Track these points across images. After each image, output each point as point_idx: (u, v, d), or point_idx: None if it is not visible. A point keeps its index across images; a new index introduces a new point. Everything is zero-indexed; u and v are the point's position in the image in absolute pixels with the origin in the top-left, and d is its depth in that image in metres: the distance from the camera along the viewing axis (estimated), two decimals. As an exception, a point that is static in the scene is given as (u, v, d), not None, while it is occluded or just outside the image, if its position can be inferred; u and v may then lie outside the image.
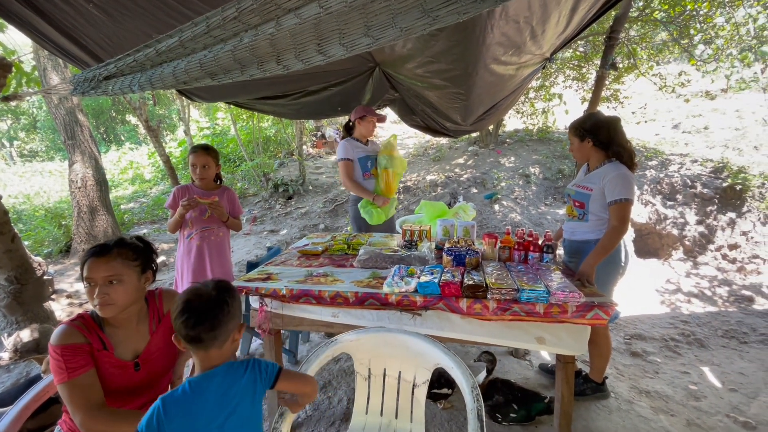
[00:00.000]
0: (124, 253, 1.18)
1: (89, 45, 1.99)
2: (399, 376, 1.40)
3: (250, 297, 1.98)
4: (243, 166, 8.00)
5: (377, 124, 3.00)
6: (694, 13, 4.70)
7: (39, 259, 3.12)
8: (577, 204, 2.10)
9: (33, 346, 2.91)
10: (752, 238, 4.41)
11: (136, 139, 14.94)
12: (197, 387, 0.94)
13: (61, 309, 3.49)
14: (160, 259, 4.78)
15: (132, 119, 15.75)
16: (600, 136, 2.02)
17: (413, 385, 1.38)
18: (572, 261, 2.13)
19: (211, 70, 0.95)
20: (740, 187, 4.67)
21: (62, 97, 4.54)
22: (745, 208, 4.61)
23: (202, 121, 10.80)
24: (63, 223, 5.63)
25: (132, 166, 10.67)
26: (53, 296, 3.51)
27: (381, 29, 0.72)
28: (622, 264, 2.04)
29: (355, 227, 3.09)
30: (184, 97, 3.65)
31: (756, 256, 4.27)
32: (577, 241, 2.11)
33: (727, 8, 4.58)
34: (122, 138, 15.60)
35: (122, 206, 7.59)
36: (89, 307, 2.29)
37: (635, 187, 2.00)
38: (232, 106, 4.79)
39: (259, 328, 1.86)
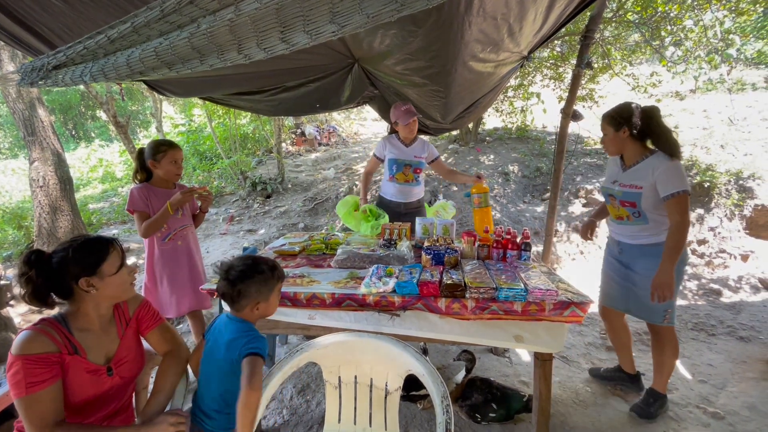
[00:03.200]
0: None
1: (47, 35, 1.86)
2: (371, 384, 1.36)
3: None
4: (219, 164, 7.79)
5: (416, 122, 2.82)
6: (665, 15, 4.85)
7: (-5, 262, 2.93)
8: (627, 204, 1.91)
9: (-11, 356, 2.73)
10: (719, 233, 4.59)
11: (107, 135, 14.34)
12: (229, 319, 1.30)
13: (20, 316, 3.29)
14: (131, 260, 4.58)
15: (103, 115, 15.11)
16: (635, 125, 1.86)
17: (386, 393, 1.35)
18: (636, 265, 1.97)
19: (168, 59, 0.88)
20: (708, 184, 4.85)
21: (21, 91, 4.29)
22: (712, 205, 4.79)
23: (177, 118, 10.47)
24: (24, 224, 5.33)
25: (102, 164, 10.23)
26: (12, 302, 3.31)
27: (347, 15, 0.67)
28: (688, 259, 1.92)
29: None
30: (155, 92, 3.50)
31: (723, 251, 4.44)
32: (646, 246, 1.91)
33: (696, 11, 4.73)
34: (92, 135, 14.95)
35: (91, 206, 7.25)
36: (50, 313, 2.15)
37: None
38: (207, 102, 4.63)
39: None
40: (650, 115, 1.87)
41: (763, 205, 4.69)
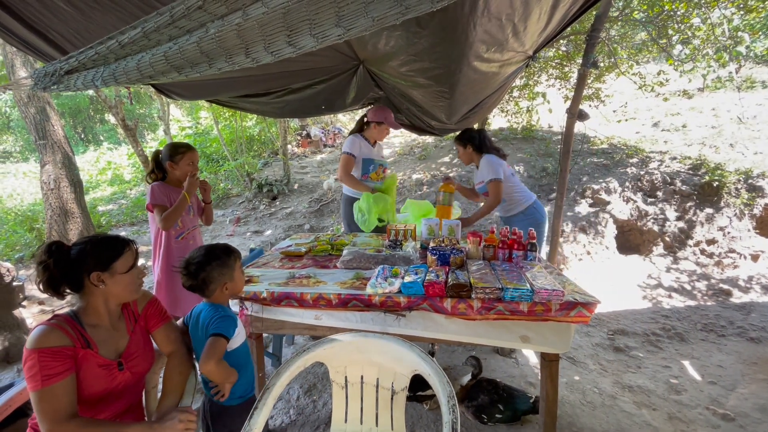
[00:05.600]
0: None
1: (57, 40, 1.90)
2: (377, 384, 1.36)
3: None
4: (226, 166, 7.86)
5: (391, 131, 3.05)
6: (672, 13, 4.80)
7: (8, 264, 2.98)
8: (486, 195, 2.72)
9: (2, 356, 2.78)
10: (729, 233, 4.53)
11: (116, 138, 14.54)
12: (204, 305, 1.42)
13: (32, 316, 3.34)
14: (140, 262, 4.63)
15: (111, 118, 15.31)
16: (475, 142, 2.73)
17: (392, 393, 1.35)
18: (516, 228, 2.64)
19: (177, 63, 0.89)
20: (717, 183, 4.79)
21: (32, 95, 4.36)
22: (721, 204, 4.73)
23: (184, 121, 10.58)
24: (35, 226, 5.42)
25: (110, 167, 10.36)
26: (24, 303, 3.36)
27: (352, 19, 0.68)
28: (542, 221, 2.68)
29: (346, 227, 3.07)
30: (162, 96, 3.54)
31: (732, 251, 4.39)
32: (514, 215, 2.72)
33: (703, 9, 4.69)
34: (101, 138, 15.16)
35: (100, 208, 7.36)
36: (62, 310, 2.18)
37: (501, 170, 2.60)
38: (213, 104, 4.67)
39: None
40: (480, 134, 2.76)
41: (773, 205, 4.62)
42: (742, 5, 4.65)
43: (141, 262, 4.84)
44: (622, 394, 2.30)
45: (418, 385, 2.02)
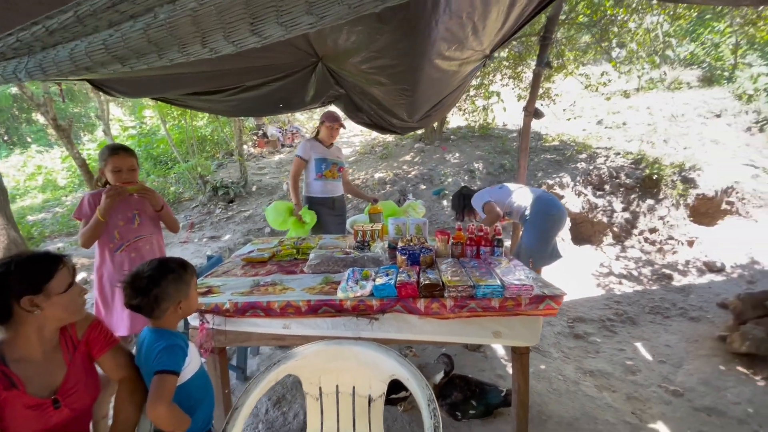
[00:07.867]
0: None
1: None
2: (353, 392, 1.31)
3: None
4: (176, 169, 7.38)
5: (339, 129, 3.13)
6: (613, 18, 5.14)
7: None
8: (503, 221, 2.97)
9: None
10: (668, 221, 4.94)
11: (46, 140, 13.20)
12: (148, 331, 1.22)
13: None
14: (81, 276, 4.22)
15: (40, 118, 13.89)
16: (461, 208, 3.06)
17: (369, 400, 1.30)
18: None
19: (120, 53, 0.78)
20: (656, 176, 5.21)
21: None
22: (661, 195, 5.14)
23: (126, 120, 9.82)
24: (-48, 240, 4.76)
25: (41, 171, 9.40)
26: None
27: (326, 6, 0.62)
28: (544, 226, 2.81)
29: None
30: (100, 92, 3.22)
31: (671, 238, 4.78)
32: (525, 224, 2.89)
33: (640, 14, 5.06)
34: (29, 140, 13.72)
35: (30, 218, 6.64)
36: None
37: (488, 194, 2.89)
38: (159, 102, 4.35)
39: (201, 348, 1.67)
40: (461, 199, 3.06)
41: (703, 194, 5.10)
42: (672, 12, 5.06)
43: (83, 275, 4.40)
44: (584, 379, 2.41)
45: (390, 388, 1.98)
